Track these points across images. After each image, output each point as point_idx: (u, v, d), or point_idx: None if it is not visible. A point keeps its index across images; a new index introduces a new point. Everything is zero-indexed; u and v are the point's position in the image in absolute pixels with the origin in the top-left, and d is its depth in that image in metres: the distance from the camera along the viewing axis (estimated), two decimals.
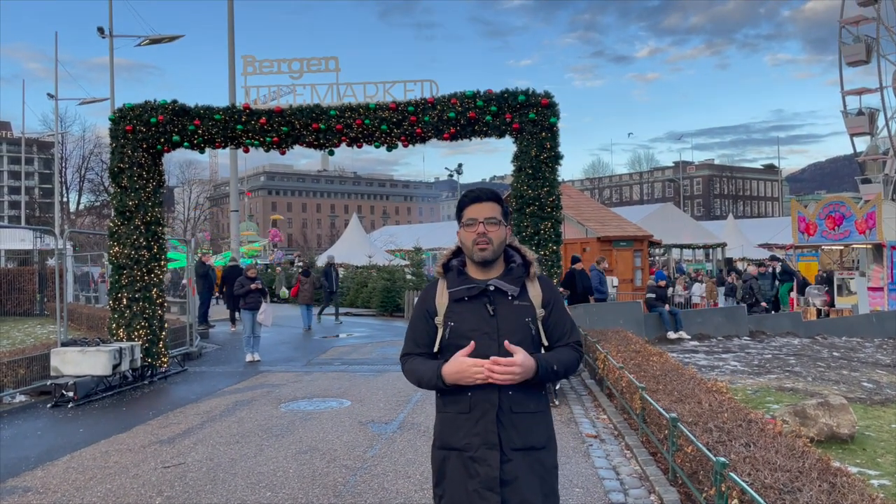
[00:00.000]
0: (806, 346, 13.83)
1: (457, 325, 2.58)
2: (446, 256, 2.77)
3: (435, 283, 2.75)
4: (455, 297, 2.61)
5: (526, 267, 2.69)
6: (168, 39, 28.87)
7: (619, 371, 7.71)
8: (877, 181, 45.77)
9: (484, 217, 2.61)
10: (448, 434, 2.58)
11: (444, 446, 2.60)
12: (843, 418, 6.53)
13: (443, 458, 2.59)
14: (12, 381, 9.22)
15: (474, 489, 2.49)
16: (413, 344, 2.71)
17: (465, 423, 2.53)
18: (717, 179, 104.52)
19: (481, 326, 2.56)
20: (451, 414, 2.58)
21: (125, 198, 10.54)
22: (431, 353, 2.66)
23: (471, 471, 2.50)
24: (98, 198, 67.98)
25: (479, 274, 2.66)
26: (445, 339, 2.60)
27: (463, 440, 2.53)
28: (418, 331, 2.71)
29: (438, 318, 2.63)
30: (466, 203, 2.67)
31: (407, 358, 2.72)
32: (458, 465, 2.54)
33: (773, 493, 3.68)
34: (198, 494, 5.36)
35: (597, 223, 20.51)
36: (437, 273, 2.76)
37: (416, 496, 5.25)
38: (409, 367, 2.69)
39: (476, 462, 2.50)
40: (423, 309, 2.71)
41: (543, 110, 9.97)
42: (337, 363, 12.23)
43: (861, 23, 45.69)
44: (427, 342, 2.67)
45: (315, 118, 10.32)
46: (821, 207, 18.79)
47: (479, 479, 2.48)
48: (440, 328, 2.63)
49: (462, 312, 2.59)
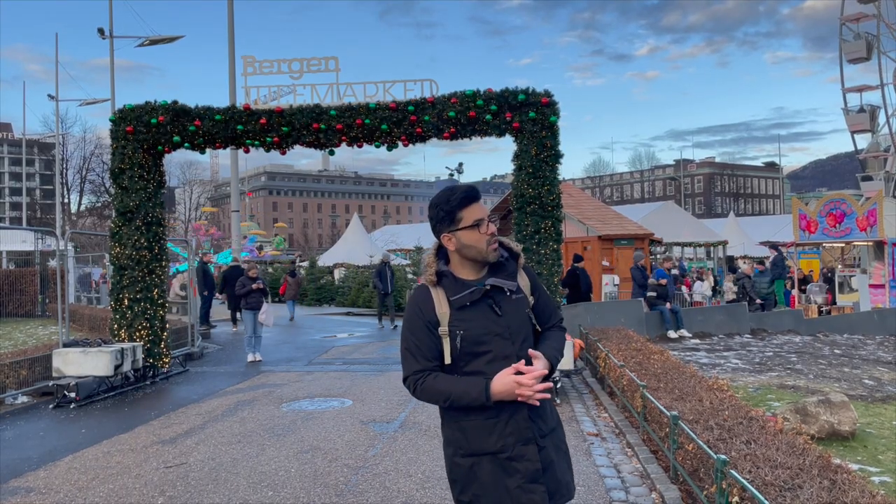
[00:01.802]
0: (807, 343, 13.82)
1: (468, 333, 2.49)
2: (434, 262, 2.60)
3: (426, 292, 2.58)
4: (458, 305, 2.51)
5: (515, 259, 2.65)
6: (168, 40, 28.88)
7: (620, 369, 7.71)
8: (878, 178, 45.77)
9: (486, 215, 2.56)
10: (476, 441, 2.50)
11: (472, 453, 2.51)
12: (844, 415, 6.54)
13: (470, 465, 2.51)
14: (14, 382, 9.24)
15: (517, 486, 2.45)
16: (422, 359, 2.53)
17: (495, 427, 2.48)
18: (718, 177, 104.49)
19: (493, 328, 2.50)
20: (478, 420, 2.49)
21: (126, 198, 10.56)
22: (441, 365, 2.54)
23: (508, 470, 2.47)
24: (99, 199, 68.09)
25: (471, 275, 2.58)
26: (458, 348, 2.49)
27: (497, 443, 2.48)
28: (423, 344, 2.53)
29: (443, 328, 2.51)
30: (465, 203, 2.54)
31: (420, 376, 2.52)
32: (491, 469, 2.48)
33: (774, 490, 3.68)
34: (200, 494, 5.38)
35: (598, 222, 20.51)
36: (427, 281, 2.59)
37: (418, 495, 5.26)
38: (431, 387, 2.50)
39: (514, 460, 2.46)
40: (422, 321, 2.54)
41: (543, 109, 9.97)
42: (338, 363, 12.25)
43: (861, 20, 45.67)
44: (435, 355, 2.53)
45: (315, 118, 10.32)
46: (822, 205, 18.77)
47: (521, 475, 2.46)
48: (446, 339, 2.51)
49: (469, 318, 2.50)
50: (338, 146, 10.76)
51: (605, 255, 19.31)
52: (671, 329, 14.57)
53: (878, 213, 17.48)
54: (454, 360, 2.52)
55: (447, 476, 2.63)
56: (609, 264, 19.20)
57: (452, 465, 2.58)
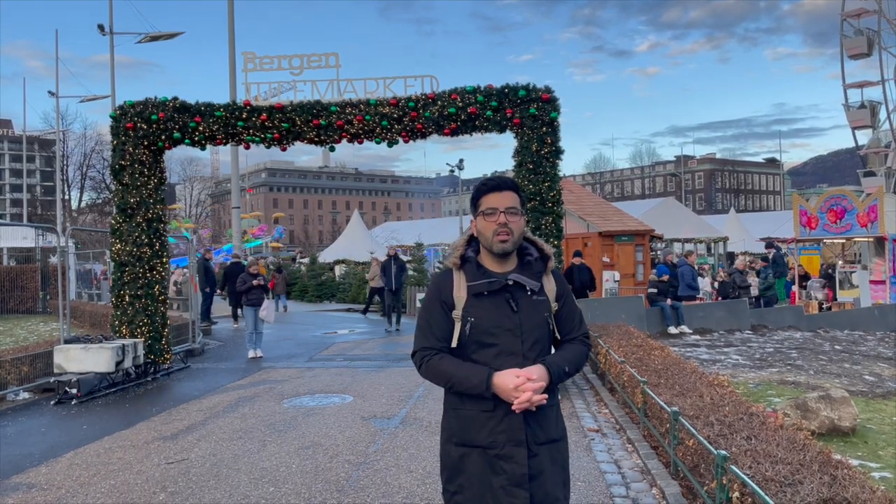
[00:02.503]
0: (808, 339, 13.83)
1: (478, 322, 2.49)
2: (462, 247, 2.62)
3: (449, 274, 2.60)
4: (475, 292, 2.51)
5: (544, 261, 2.61)
6: (168, 36, 28.86)
7: (620, 365, 7.72)
8: (879, 174, 45.73)
9: (505, 206, 2.51)
10: (469, 431, 2.50)
11: (462, 443, 2.52)
12: (845, 411, 6.54)
13: (461, 455, 2.52)
14: (16, 378, 9.25)
15: (501, 486, 2.44)
16: (432, 338, 2.55)
17: (488, 421, 2.47)
18: (719, 173, 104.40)
19: (504, 323, 2.49)
20: (473, 411, 2.49)
21: (127, 195, 10.56)
22: (449, 347, 2.53)
23: (496, 468, 2.45)
24: (100, 195, 67.97)
25: (495, 267, 2.56)
26: (466, 335, 2.50)
27: (487, 438, 2.47)
28: (436, 324, 2.55)
29: (456, 312, 2.52)
30: (485, 191, 2.56)
31: (428, 353, 2.54)
32: (479, 463, 2.48)
33: (774, 486, 3.69)
34: (201, 490, 5.39)
35: (598, 218, 20.50)
36: (451, 264, 2.60)
37: (419, 490, 5.27)
38: (435, 366, 2.51)
39: (502, 459, 2.45)
40: (438, 301, 2.56)
41: (544, 105, 9.96)
42: (339, 359, 12.26)
43: (862, 16, 45.62)
44: (446, 336, 2.53)
45: (316, 114, 10.31)
46: (822, 201, 18.75)
47: (506, 477, 2.44)
48: (458, 323, 2.51)
49: (483, 308, 2.50)
50: (338, 142, 10.74)
51: (605, 251, 19.31)
52: (672, 325, 14.58)
53: (878, 209, 17.47)
54: (461, 345, 2.52)
55: (440, 462, 2.64)
56: (610, 260, 19.19)
57: (444, 451, 2.59)
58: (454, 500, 2.54)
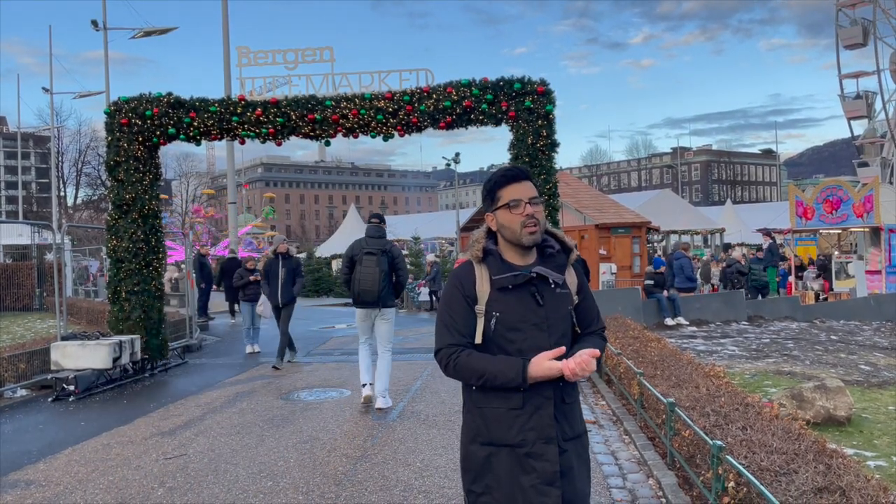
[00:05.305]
0: (804, 329, 13.88)
1: (504, 316, 2.42)
2: (483, 239, 2.55)
3: (469, 267, 2.52)
4: (500, 286, 2.44)
5: (566, 253, 2.57)
6: (162, 32, 28.70)
7: (617, 357, 7.74)
8: (874, 164, 45.81)
9: (528, 197, 2.47)
10: (496, 430, 2.43)
11: (490, 442, 2.44)
12: (840, 401, 6.57)
13: (487, 455, 2.44)
14: (13, 375, 9.24)
15: (531, 485, 2.37)
16: (457, 334, 2.46)
17: (517, 419, 2.40)
18: (715, 165, 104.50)
19: (530, 317, 2.43)
20: (501, 410, 2.42)
21: (122, 191, 10.53)
22: (473, 343, 2.45)
23: (526, 467, 2.39)
24: (95, 192, 67.84)
25: (517, 259, 2.50)
26: (491, 330, 2.43)
27: (517, 436, 2.40)
28: (460, 319, 2.47)
29: (479, 307, 2.45)
30: (504, 183, 2.50)
31: (455, 350, 2.44)
32: (508, 462, 2.41)
33: (770, 475, 3.71)
34: (199, 485, 5.40)
35: (595, 210, 20.53)
36: (473, 257, 2.53)
37: (417, 483, 5.29)
38: (465, 363, 2.42)
39: (532, 458, 2.38)
40: (462, 296, 2.48)
41: (539, 98, 9.95)
42: (337, 353, 12.26)
43: (858, 5, 45.59)
44: (470, 332, 2.45)
45: (311, 109, 10.29)
46: (818, 191, 18.77)
47: (537, 475, 2.37)
48: (481, 318, 2.45)
49: (508, 302, 2.43)
50: (333, 137, 10.72)
51: (602, 243, 19.34)
52: (668, 317, 14.62)
53: (874, 200, 17.50)
54: (485, 341, 2.45)
55: (460, 464, 2.57)
56: (606, 253, 19.23)
57: (468, 452, 2.51)
58: (481, 502, 2.45)
